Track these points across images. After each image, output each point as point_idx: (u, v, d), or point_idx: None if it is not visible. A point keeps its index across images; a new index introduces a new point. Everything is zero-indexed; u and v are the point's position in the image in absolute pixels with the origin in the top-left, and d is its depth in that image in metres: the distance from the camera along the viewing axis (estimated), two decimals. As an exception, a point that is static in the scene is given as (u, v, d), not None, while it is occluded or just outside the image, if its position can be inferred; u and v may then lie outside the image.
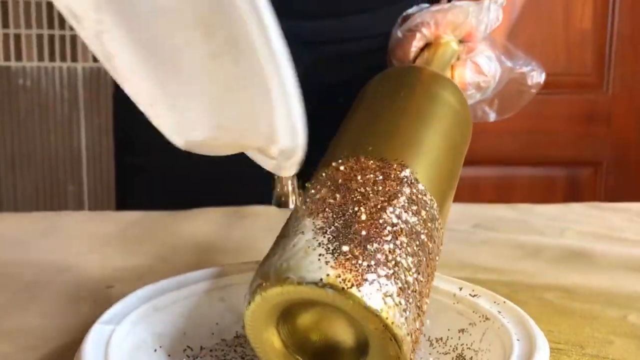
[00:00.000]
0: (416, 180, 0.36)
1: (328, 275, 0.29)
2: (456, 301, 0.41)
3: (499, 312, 0.38)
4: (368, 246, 0.31)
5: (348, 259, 0.30)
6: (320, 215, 0.33)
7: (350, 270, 0.30)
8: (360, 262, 0.30)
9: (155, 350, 0.38)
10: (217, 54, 0.28)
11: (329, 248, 0.31)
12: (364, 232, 0.32)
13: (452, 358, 0.39)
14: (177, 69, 0.30)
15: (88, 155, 1.52)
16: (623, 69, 1.59)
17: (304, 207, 0.34)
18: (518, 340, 0.35)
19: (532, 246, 0.63)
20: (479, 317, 0.39)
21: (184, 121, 0.33)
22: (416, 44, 0.54)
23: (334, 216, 0.33)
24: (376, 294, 0.30)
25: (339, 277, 0.29)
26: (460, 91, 0.47)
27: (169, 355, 0.39)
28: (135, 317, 0.38)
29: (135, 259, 0.60)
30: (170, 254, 0.61)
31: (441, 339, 0.40)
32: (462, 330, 0.39)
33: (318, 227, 0.32)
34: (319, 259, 0.30)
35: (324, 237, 0.31)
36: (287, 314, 0.33)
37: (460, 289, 0.42)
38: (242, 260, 0.49)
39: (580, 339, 0.42)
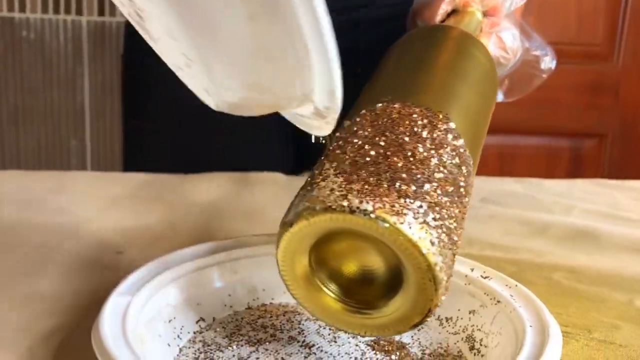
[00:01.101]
0: (458, 134, 0.36)
1: (381, 207, 0.30)
2: (467, 282, 0.41)
3: (511, 295, 0.38)
4: (419, 188, 0.31)
5: (401, 196, 0.30)
6: (371, 153, 0.33)
7: (403, 207, 0.30)
8: (412, 201, 0.30)
9: (170, 321, 0.39)
10: (255, 15, 0.28)
11: (381, 184, 0.31)
12: (416, 174, 0.32)
13: (462, 338, 0.39)
14: (215, 30, 0.30)
15: (91, 111, 1.51)
16: (635, 41, 1.57)
17: (350, 145, 0.34)
18: (531, 326, 0.35)
19: (540, 223, 0.63)
20: (491, 299, 0.39)
21: (219, 82, 0.33)
22: (445, 7, 0.53)
23: (385, 155, 0.33)
24: (425, 234, 0.30)
25: (393, 211, 0.30)
26: (490, 54, 0.47)
27: (183, 326, 0.39)
28: (151, 288, 0.38)
29: (144, 224, 0.60)
30: (179, 219, 0.62)
31: (451, 318, 0.41)
32: (472, 312, 0.40)
33: (369, 165, 0.32)
34: (372, 192, 0.30)
35: (376, 175, 0.31)
36: (321, 243, 0.33)
37: (472, 269, 0.42)
38: (251, 228, 0.50)
39: (588, 323, 0.43)
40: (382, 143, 0.34)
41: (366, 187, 0.31)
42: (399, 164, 0.32)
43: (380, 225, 0.30)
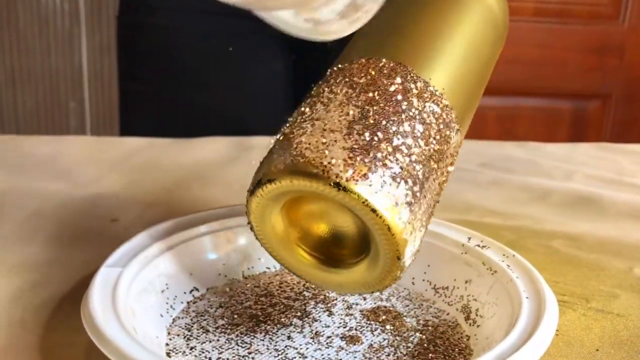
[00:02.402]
0: (435, 90, 0.34)
1: (340, 171, 0.29)
2: (464, 251, 0.41)
3: (508, 265, 0.38)
4: (385, 150, 0.30)
5: (364, 158, 0.29)
6: (333, 112, 0.32)
7: (366, 170, 0.29)
8: (376, 164, 0.29)
9: (163, 292, 0.38)
10: None
11: (346, 145, 0.30)
12: (377, 133, 0.30)
13: (457, 308, 0.39)
14: None
15: (89, 72, 1.49)
16: (641, 1, 1.54)
17: (316, 104, 0.33)
18: (527, 297, 0.34)
19: (540, 189, 0.62)
20: (487, 269, 0.39)
21: None
22: None
23: (346, 114, 0.31)
24: (381, 193, 0.29)
25: (346, 172, 0.29)
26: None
27: (176, 297, 0.39)
28: (142, 259, 0.38)
29: (139, 190, 0.59)
30: (174, 185, 0.61)
31: (447, 288, 0.40)
32: (468, 282, 0.39)
33: (330, 123, 0.31)
34: (326, 153, 0.29)
35: (334, 133, 0.30)
36: (292, 202, 0.32)
37: (469, 238, 0.41)
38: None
39: (586, 292, 0.43)
40: (348, 104, 0.32)
41: (328, 148, 0.30)
42: (363, 126, 0.31)
43: (339, 192, 0.29)
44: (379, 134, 0.30)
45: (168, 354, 0.34)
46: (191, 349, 0.34)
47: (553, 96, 1.60)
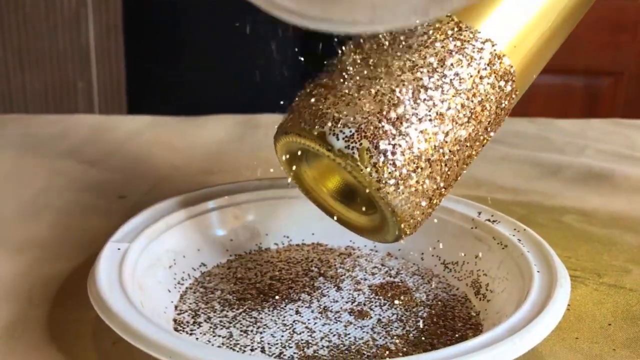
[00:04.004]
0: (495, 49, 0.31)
1: (346, 138, 0.29)
2: (474, 226, 0.40)
3: (519, 240, 0.37)
4: (400, 117, 0.30)
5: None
6: (358, 76, 0.31)
7: (372, 138, 0.29)
8: (385, 131, 0.29)
9: (170, 267, 0.38)
10: None
11: (361, 108, 0.30)
12: (388, 96, 0.30)
13: (467, 284, 0.38)
14: None
15: (97, 52, 1.48)
16: (656, -25, 1.51)
17: (341, 64, 0.32)
18: (538, 272, 0.34)
19: (551, 164, 0.61)
20: (498, 243, 0.38)
21: None
22: None
23: (372, 77, 0.31)
24: (386, 172, 0.29)
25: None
26: None
27: (184, 272, 0.39)
28: (149, 234, 0.37)
29: (147, 167, 0.59)
30: (182, 162, 0.61)
31: (457, 263, 0.40)
32: (478, 256, 0.39)
33: (346, 83, 0.31)
34: (328, 114, 0.30)
35: (354, 98, 0.30)
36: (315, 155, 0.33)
37: (479, 213, 0.41)
38: (255, 172, 0.49)
39: (598, 267, 0.42)
40: (379, 65, 0.31)
41: (343, 113, 0.30)
42: (377, 90, 0.30)
43: (329, 152, 0.30)
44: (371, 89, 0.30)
45: (176, 329, 0.34)
46: (199, 324, 0.34)
47: (565, 73, 1.58)
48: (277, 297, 0.37)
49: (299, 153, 0.33)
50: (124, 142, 0.66)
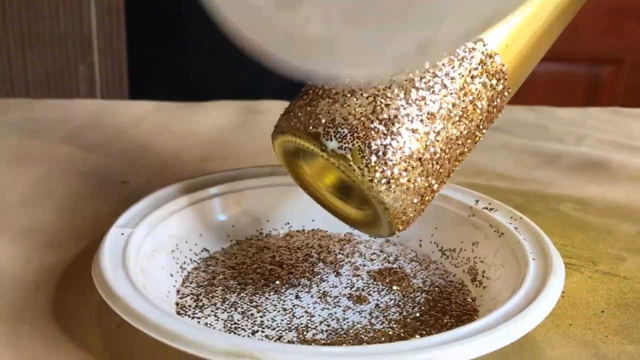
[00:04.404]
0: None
1: (339, 139, 0.30)
2: (472, 214, 0.41)
3: (515, 228, 0.38)
4: (392, 116, 0.30)
5: (367, 122, 0.30)
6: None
7: (364, 138, 0.30)
8: (377, 132, 0.30)
9: (173, 252, 0.39)
10: None
11: (350, 106, 0.30)
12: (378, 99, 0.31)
13: (464, 270, 0.39)
14: None
15: (99, 36, 1.48)
16: (658, -38, 1.51)
17: None
18: (534, 259, 0.35)
19: (550, 153, 0.62)
20: (494, 231, 0.39)
21: None
22: None
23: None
24: (376, 172, 0.30)
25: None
26: None
27: (186, 257, 0.39)
28: (152, 219, 0.38)
29: (149, 153, 0.59)
30: (184, 148, 0.61)
31: (454, 250, 0.41)
32: (475, 244, 0.39)
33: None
34: (332, 119, 0.31)
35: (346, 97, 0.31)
36: (306, 152, 0.34)
37: (477, 201, 0.41)
38: (256, 158, 0.49)
39: (593, 255, 0.43)
40: None
41: (336, 114, 0.30)
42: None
43: (323, 152, 0.31)
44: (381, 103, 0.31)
45: (178, 313, 0.34)
46: (201, 308, 0.35)
47: (566, 61, 1.58)
48: (277, 282, 0.38)
49: (296, 151, 0.34)
50: (126, 127, 0.66)
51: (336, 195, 0.36)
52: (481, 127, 0.33)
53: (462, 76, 0.32)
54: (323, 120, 0.31)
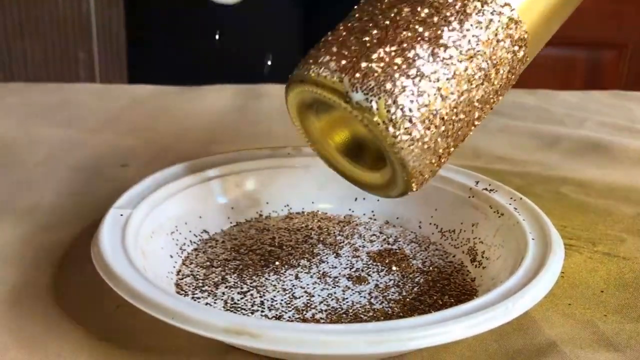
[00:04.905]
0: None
1: (354, 82, 0.29)
2: (471, 195, 0.41)
3: (515, 208, 0.38)
4: (406, 59, 0.29)
5: (352, 59, 0.29)
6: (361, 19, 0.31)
7: (376, 83, 0.29)
8: (392, 77, 0.29)
9: (172, 233, 0.39)
10: None
11: (362, 54, 0.29)
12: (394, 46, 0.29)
13: (463, 251, 0.39)
14: None
15: (97, 22, 1.48)
16: (661, -55, 1.49)
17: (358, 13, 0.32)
18: (533, 239, 0.35)
19: (550, 136, 0.62)
20: (494, 212, 0.39)
21: None
22: None
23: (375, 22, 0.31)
24: (395, 116, 0.29)
25: (349, 81, 0.29)
26: None
27: (186, 238, 0.39)
28: (151, 201, 0.38)
29: (148, 136, 0.59)
30: (184, 132, 0.61)
31: (454, 231, 0.41)
32: (475, 224, 0.39)
33: (359, 34, 0.31)
34: (348, 66, 0.29)
35: (359, 44, 0.30)
36: (326, 108, 0.33)
37: (477, 182, 0.41)
38: (256, 142, 0.49)
39: (593, 236, 0.43)
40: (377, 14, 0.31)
41: (346, 59, 0.29)
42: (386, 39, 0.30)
43: (346, 104, 0.29)
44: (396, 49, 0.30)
45: (178, 293, 0.34)
46: (200, 288, 0.35)
47: (568, 45, 1.58)
48: (277, 263, 0.38)
49: (313, 103, 0.32)
50: (126, 111, 0.66)
51: (345, 154, 0.35)
52: (499, 92, 0.33)
53: (489, 39, 0.31)
54: (349, 71, 0.29)
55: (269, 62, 0.81)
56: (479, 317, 0.28)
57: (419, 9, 0.31)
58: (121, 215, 0.36)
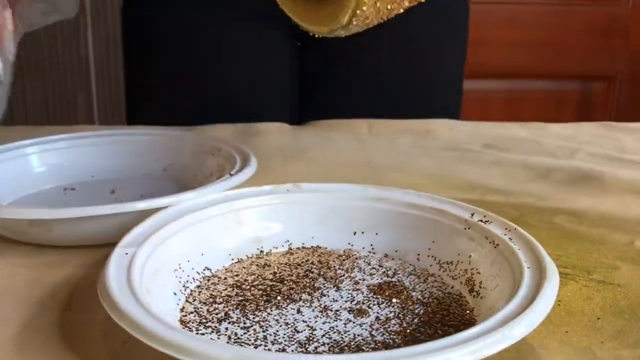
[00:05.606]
0: None
1: None
2: (467, 226, 0.42)
3: (510, 238, 0.39)
4: None
5: None
6: None
7: None
8: None
9: (175, 271, 0.39)
10: None
11: None
12: None
13: (461, 282, 0.40)
14: None
15: (96, 64, 1.50)
16: (645, -19, 1.54)
17: None
18: (528, 268, 0.35)
19: (543, 168, 0.63)
20: (490, 243, 0.40)
21: None
22: None
23: None
24: None
25: None
26: None
27: (189, 276, 0.40)
28: (155, 239, 0.39)
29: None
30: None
31: (451, 262, 0.41)
32: (472, 256, 0.40)
33: None
34: None
35: None
36: None
37: (472, 214, 0.42)
38: (254, 178, 0.50)
39: (587, 264, 0.44)
40: None
41: None
42: None
43: None
44: None
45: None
46: (204, 324, 0.36)
47: (559, 78, 1.61)
48: (278, 298, 0.38)
49: None
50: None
51: None
52: None
53: None
54: None
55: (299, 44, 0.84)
56: (477, 344, 0.28)
57: None
58: (126, 254, 0.37)
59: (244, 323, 0.36)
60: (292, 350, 0.33)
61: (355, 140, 0.71)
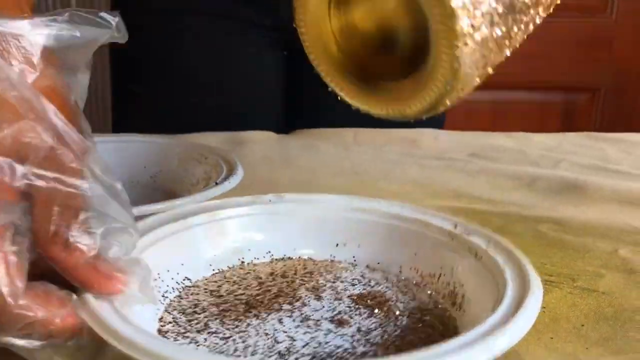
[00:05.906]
0: None
1: None
2: (450, 238, 0.41)
3: (493, 250, 0.39)
4: None
5: None
6: None
7: None
8: None
9: (155, 280, 0.39)
10: None
11: None
12: None
13: (444, 294, 0.39)
14: None
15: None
16: (629, -6, 1.55)
17: None
18: (511, 279, 0.35)
19: (527, 177, 0.63)
20: (473, 255, 0.39)
21: None
22: None
23: None
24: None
25: None
26: None
27: (168, 285, 0.39)
28: (134, 250, 0.38)
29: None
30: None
31: (434, 275, 0.41)
32: (455, 268, 0.40)
33: None
34: None
35: None
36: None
37: (455, 226, 0.42)
38: (239, 188, 0.50)
39: (572, 272, 0.43)
40: None
41: None
42: None
43: None
44: None
45: (161, 341, 0.34)
46: (182, 334, 0.35)
47: (544, 90, 1.62)
48: (259, 308, 0.38)
49: None
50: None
51: (348, 42, 0.30)
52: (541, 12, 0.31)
53: None
54: None
55: None
56: (461, 355, 0.28)
57: None
58: (103, 263, 0.36)
59: (224, 334, 0.35)
60: (272, 362, 0.33)
61: (342, 149, 0.71)
